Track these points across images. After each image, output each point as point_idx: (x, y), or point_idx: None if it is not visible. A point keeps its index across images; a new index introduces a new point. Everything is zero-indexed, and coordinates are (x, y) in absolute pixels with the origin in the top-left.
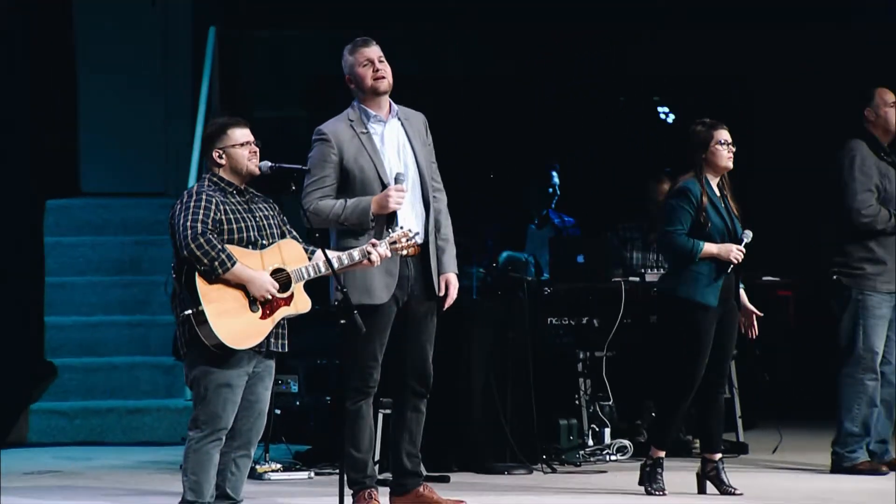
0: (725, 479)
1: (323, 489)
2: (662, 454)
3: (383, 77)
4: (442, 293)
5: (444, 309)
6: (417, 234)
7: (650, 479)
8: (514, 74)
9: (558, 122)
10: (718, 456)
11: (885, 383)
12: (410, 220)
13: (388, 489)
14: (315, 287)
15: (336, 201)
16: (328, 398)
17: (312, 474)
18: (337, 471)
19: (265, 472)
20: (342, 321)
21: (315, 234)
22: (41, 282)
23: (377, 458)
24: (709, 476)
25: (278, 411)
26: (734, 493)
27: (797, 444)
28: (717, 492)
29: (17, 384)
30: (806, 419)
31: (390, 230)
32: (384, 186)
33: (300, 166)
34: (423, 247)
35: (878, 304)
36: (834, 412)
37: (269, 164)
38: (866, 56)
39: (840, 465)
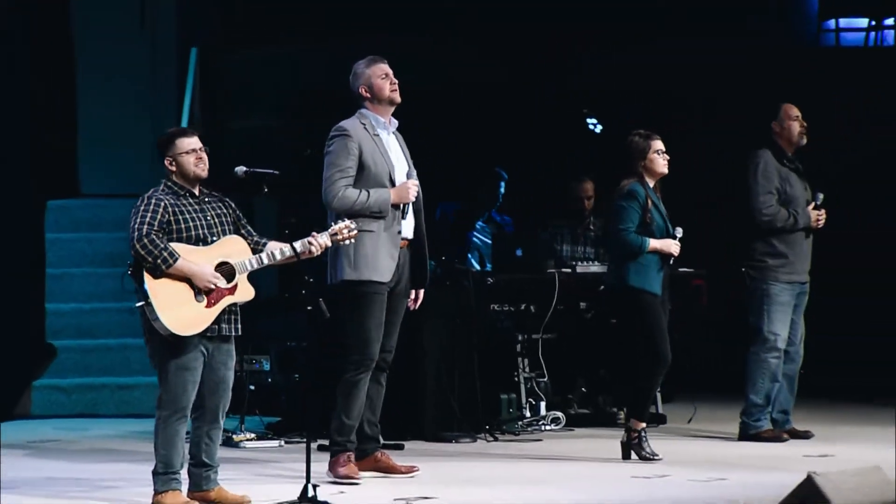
0: (646, 447)
1: (292, 455)
2: (643, 425)
3: (397, 90)
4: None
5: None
6: (356, 226)
7: (639, 448)
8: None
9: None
10: (641, 426)
11: (787, 361)
12: (409, 217)
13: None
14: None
15: (359, 190)
16: (297, 376)
17: (283, 443)
18: (304, 439)
19: (241, 440)
20: (308, 307)
21: (285, 231)
22: (42, 273)
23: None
24: (632, 444)
25: (252, 387)
26: (654, 459)
27: (709, 415)
28: (639, 457)
29: (21, 363)
30: (717, 393)
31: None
32: (391, 182)
33: (272, 171)
34: (413, 242)
35: (780, 293)
36: (742, 387)
37: (244, 168)
38: (773, 73)
39: (746, 433)
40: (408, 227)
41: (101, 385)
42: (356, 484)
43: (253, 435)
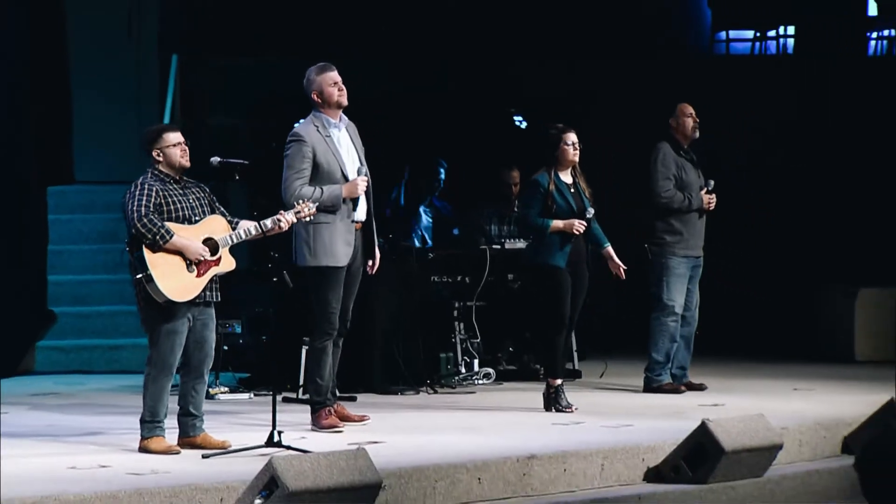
0: (563, 399)
1: (260, 406)
2: (559, 382)
3: (345, 95)
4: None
5: (372, 272)
6: (316, 205)
7: (556, 401)
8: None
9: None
10: (557, 382)
11: (684, 324)
12: (361, 202)
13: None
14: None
15: (314, 187)
16: (264, 337)
17: (252, 395)
18: (271, 392)
19: (216, 393)
20: (274, 279)
21: (254, 213)
22: (45, 249)
23: (301, 382)
24: (551, 396)
25: (226, 347)
26: (570, 409)
27: (618, 371)
28: (556, 410)
29: (26, 327)
30: (625, 352)
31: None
32: (344, 177)
33: (242, 161)
34: (366, 224)
35: (677, 265)
36: (645, 346)
37: (218, 159)
38: (673, 77)
39: (650, 386)
40: (361, 213)
41: (95, 346)
42: (340, 432)
43: (226, 388)
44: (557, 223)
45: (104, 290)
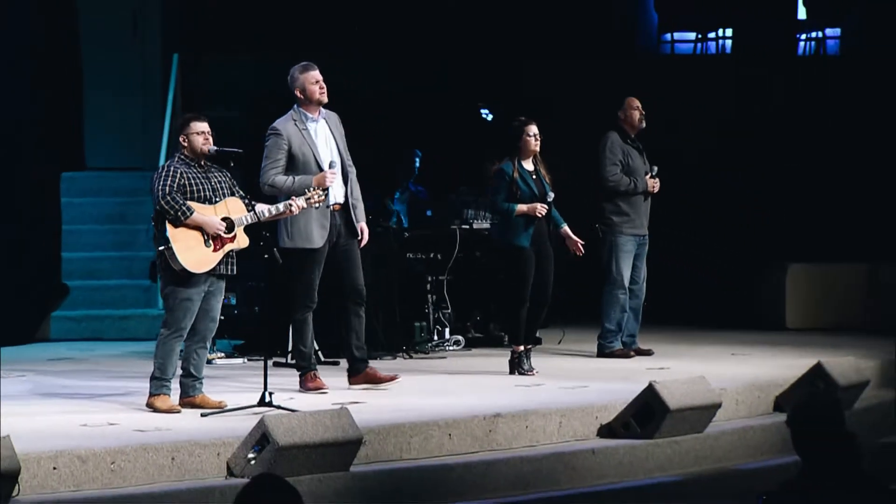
0: (525, 364)
1: (253, 370)
2: (521, 348)
3: (325, 93)
4: (360, 237)
5: (362, 246)
6: (326, 192)
7: (518, 366)
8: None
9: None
10: (520, 349)
11: (632, 297)
12: (337, 187)
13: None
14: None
15: (287, 177)
16: (256, 308)
17: (245, 360)
18: (263, 358)
19: (213, 358)
20: (265, 256)
21: (247, 196)
22: (59, 229)
23: (290, 348)
24: (515, 361)
25: (222, 317)
26: (531, 373)
27: (575, 338)
28: (518, 373)
29: (42, 299)
30: (581, 321)
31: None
32: (318, 167)
33: (236, 149)
34: (344, 204)
35: (624, 243)
36: (599, 316)
37: (215, 147)
38: (624, 74)
39: (602, 352)
40: (339, 195)
41: (104, 316)
42: (325, 393)
43: (223, 354)
44: (522, 207)
45: (112, 266)
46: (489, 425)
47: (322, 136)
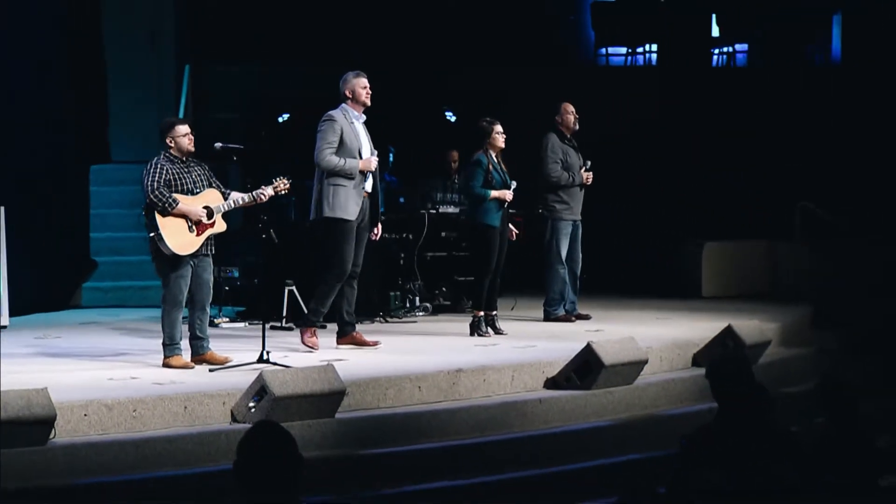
0: (482, 327)
1: (253, 332)
2: (481, 313)
3: (370, 97)
4: (377, 233)
5: (377, 239)
6: (290, 181)
7: (478, 329)
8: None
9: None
10: (482, 313)
11: (570, 271)
12: (369, 176)
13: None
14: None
15: (339, 158)
16: (255, 280)
17: (246, 324)
18: (261, 322)
19: (219, 322)
20: (263, 236)
21: (247, 186)
22: (88, 213)
23: (285, 313)
24: (475, 324)
25: (227, 288)
26: (488, 334)
27: (525, 305)
28: (477, 335)
29: (75, 272)
30: (530, 291)
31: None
32: (360, 154)
33: (239, 146)
34: (371, 194)
35: (563, 227)
36: (545, 287)
37: (220, 144)
38: (565, 83)
39: (548, 317)
40: (369, 185)
41: (127, 286)
42: (313, 351)
43: (227, 319)
44: (495, 193)
45: (134, 244)
46: (452, 379)
47: (362, 132)
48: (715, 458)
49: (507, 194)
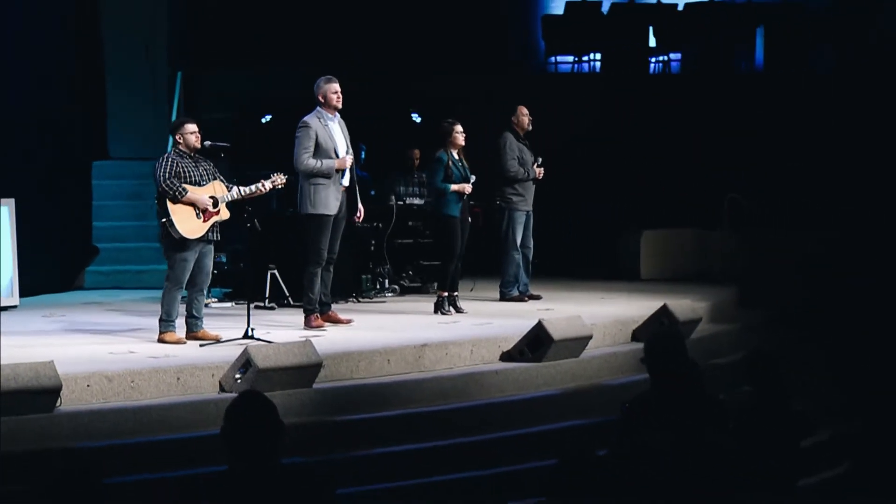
0: (445, 306)
1: (239, 312)
2: (445, 294)
3: (341, 100)
4: (359, 214)
5: (360, 220)
6: (288, 177)
7: (441, 308)
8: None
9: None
10: (445, 293)
11: (523, 256)
12: (346, 172)
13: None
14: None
15: (315, 160)
16: (241, 265)
17: (233, 304)
18: (246, 303)
19: (209, 302)
20: (248, 225)
21: (233, 179)
22: (90, 204)
23: (267, 294)
24: (439, 303)
25: (215, 272)
26: (450, 313)
27: (483, 286)
28: (441, 313)
29: (79, 257)
30: (487, 274)
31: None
32: (336, 155)
33: (225, 144)
34: (349, 187)
35: (518, 217)
36: (500, 271)
37: (209, 142)
38: (519, 88)
39: (503, 297)
40: (346, 180)
41: (126, 270)
42: (324, 331)
43: (216, 299)
44: (454, 186)
45: (132, 232)
46: (418, 353)
47: (337, 132)
48: (651, 423)
49: (467, 187)
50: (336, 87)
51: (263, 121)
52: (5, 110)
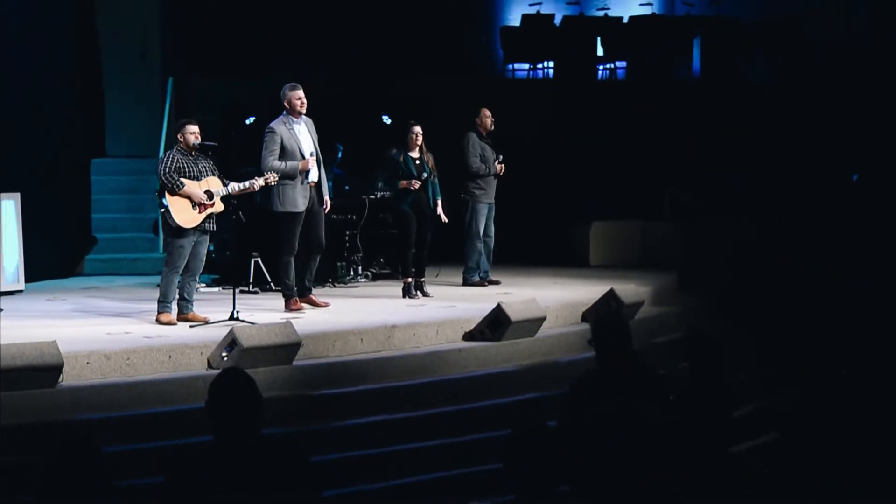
0: (412, 290)
1: (225, 296)
2: (409, 280)
3: (305, 106)
4: (325, 206)
5: (326, 212)
6: (279, 175)
7: (408, 292)
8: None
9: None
10: (411, 279)
11: (485, 245)
12: (313, 170)
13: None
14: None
15: (281, 162)
16: (227, 253)
17: (220, 289)
18: (232, 287)
19: (198, 287)
20: (234, 216)
21: (221, 175)
22: (89, 198)
23: (251, 280)
24: (406, 289)
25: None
26: (417, 297)
27: (448, 272)
28: (408, 297)
29: (79, 246)
30: (451, 261)
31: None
32: (301, 155)
33: (213, 143)
34: (317, 183)
35: (481, 209)
36: (463, 258)
37: (199, 141)
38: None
39: (466, 283)
40: (314, 176)
41: (122, 258)
42: (303, 314)
43: (204, 284)
44: (404, 182)
45: (128, 224)
46: (388, 333)
47: (303, 134)
48: (597, 397)
49: (415, 183)
50: (300, 93)
51: (247, 122)
52: (10, 111)
